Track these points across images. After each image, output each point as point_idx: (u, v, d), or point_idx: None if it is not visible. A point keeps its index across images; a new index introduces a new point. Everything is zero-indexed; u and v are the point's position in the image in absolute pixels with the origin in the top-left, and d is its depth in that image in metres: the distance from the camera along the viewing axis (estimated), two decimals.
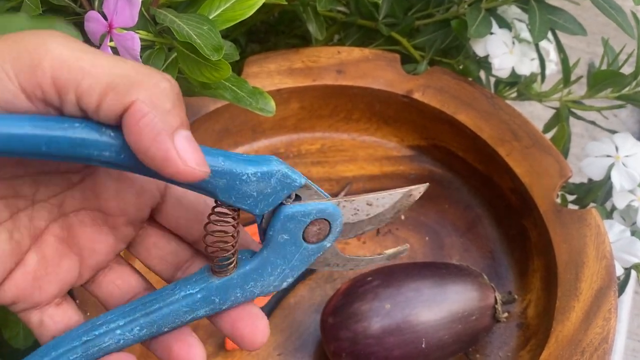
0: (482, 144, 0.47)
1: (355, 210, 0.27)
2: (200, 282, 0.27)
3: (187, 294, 0.26)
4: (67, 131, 0.22)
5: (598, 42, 0.60)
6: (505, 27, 0.49)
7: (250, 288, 0.27)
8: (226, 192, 0.25)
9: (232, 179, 0.24)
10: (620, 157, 0.45)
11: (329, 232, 0.27)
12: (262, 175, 0.25)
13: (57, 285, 0.27)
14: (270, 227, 0.26)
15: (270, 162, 0.25)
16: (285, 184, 0.25)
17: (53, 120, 0.22)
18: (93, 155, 0.23)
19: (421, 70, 0.50)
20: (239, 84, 0.38)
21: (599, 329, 0.38)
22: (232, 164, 0.24)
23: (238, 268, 0.27)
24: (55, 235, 0.27)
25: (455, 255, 0.48)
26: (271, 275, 0.27)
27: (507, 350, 0.43)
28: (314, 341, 0.44)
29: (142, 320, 0.26)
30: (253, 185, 0.25)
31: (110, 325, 0.26)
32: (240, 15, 0.35)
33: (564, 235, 0.42)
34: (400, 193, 0.28)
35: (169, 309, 0.26)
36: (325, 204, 0.26)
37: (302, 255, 0.27)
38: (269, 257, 0.27)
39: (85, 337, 0.26)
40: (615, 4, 0.43)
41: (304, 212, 0.26)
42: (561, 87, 0.51)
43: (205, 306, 0.27)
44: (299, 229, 0.26)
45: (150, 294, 0.27)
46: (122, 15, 0.33)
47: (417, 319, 0.39)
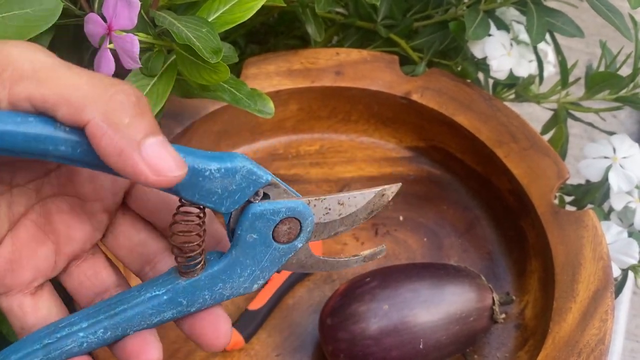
0: (480, 146, 0.48)
1: (327, 209, 0.27)
2: (166, 283, 0.26)
3: (152, 295, 0.26)
4: (20, 125, 0.22)
5: (596, 43, 0.60)
6: (504, 29, 0.50)
7: (219, 290, 0.26)
8: (189, 190, 0.24)
9: (195, 176, 0.24)
10: (618, 159, 0.45)
11: (300, 231, 0.26)
12: (226, 171, 0.24)
13: (32, 272, 0.27)
14: (238, 226, 0.25)
15: (235, 159, 0.24)
16: (250, 181, 0.25)
17: (6, 114, 0.22)
18: (49, 150, 0.22)
19: (419, 72, 0.50)
20: (237, 86, 0.38)
21: (596, 330, 0.38)
22: (194, 159, 0.24)
23: (206, 269, 0.26)
24: (33, 221, 0.27)
25: (453, 256, 0.48)
26: (240, 277, 0.26)
27: (505, 351, 0.43)
28: (312, 342, 0.44)
29: (107, 322, 0.26)
30: (217, 182, 0.24)
31: (73, 327, 0.25)
32: (240, 17, 0.35)
33: (561, 236, 0.42)
34: (373, 193, 0.27)
35: (134, 310, 0.26)
36: (295, 202, 0.26)
37: (273, 255, 0.26)
38: (237, 257, 0.26)
39: (47, 339, 0.25)
40: (612, 7, 0.43)
41: (273, 210, 0.25)
42: (559, 88, 0.51)
43: (172, 308, 0.26)
44: (268, 228, 0.26)
45: (115, 295, 0.27)
46: (121, 18, 0.33)
47: (415, 320, 0.39)
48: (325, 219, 0.27)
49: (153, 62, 0.35)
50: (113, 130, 0.22)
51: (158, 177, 0.22)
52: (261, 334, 0.44)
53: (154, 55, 0.36)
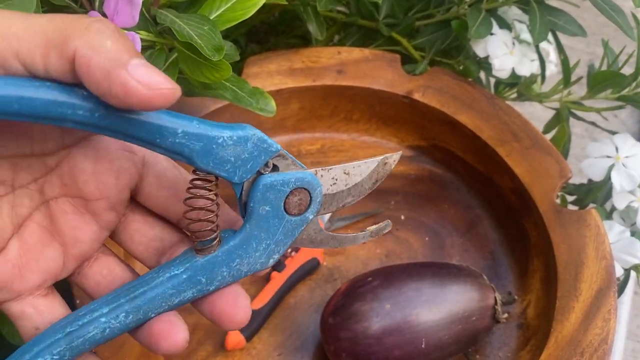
0: (482, 145, 0.47)
1: (334, 180, 0.27)
2: (184, 262, 0.26)
3: (171, 275, 0.26)
4: (39, 90, 0.22)
5: (598, 43, 0.60)
6: (506, 28, 0.50)
7: (236, 266, 0.26)
8: (203, 157, 0.24)
9: (209, 143, 0.24)
10: (620, 158, 0.45)
11: (310, 202, 0.26)
12: (238, 138, 0.24)
13: (40, 275, 0.27)
14: (250, 199, 0.26)
15: (245, 127, 0.25)
16: (262, 149, 0.25)
17: (25, 80, 0.22)
18: (67, 114, 0.23)
19: (421, 70, 0.50)
20: (239, 84, 0.38)
21: (599, 330, 0.38)
22: (207, 127, 0.24)
23: (222, 245, 0.26)
24: (38, 223, 0.27)
25: (455, 256, 0.48)
26: (257, 251, 0.26)
27: (507, 351, 0.43)
28: (314, 341, 0.44)
29: (127, 306, 0.25)
30: (230, 149, 0.24)
31: (94, 314, 0.25)
32: (241, 15, 0.35)
33: (563, 235, 0.42)
34: (376, 161, 0.28)
35: (154, 292, 0.26)
36: (304, 173, 0.26)
37: (286, 228, 0.26)
38: (252, 231, 0.26)
39: (68, 328, 0.25)
40: (615, 5, 0.43)
41: (283, 181, 0.26)
42: (561, 87, 0.51)
43: (192, 287, 0.26)
44: (279, 199, 0.26)
45: (134, 280, 0.27)
46: (122, 15, 0.33)
47: (417, 320, 0.39)
48: (333, 190, 0.27)
49: (154, 60, 0.35)
50: (97, 54, 0.22)
51: (151, 90, 0.22)
52: (263, 333, 0.44)
53: (156, 53, 0.35)
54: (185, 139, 0.24)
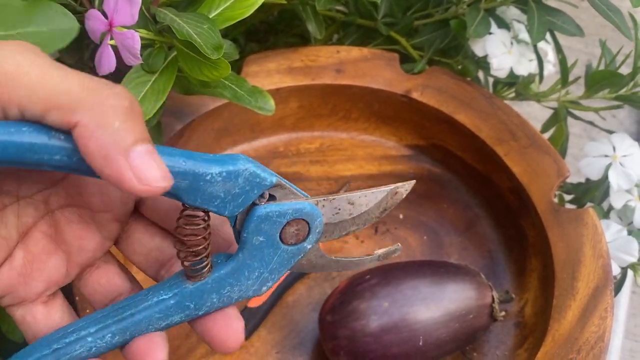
0: (480, 144, 0.48)
1: (337, 209, 0.26)
2: (174, 287, 0.26)
3: (160, 299, 0.25)
4: (14, 135, 0.21)
5: (596, 43, 0.60)
6: (504, 28, 0.50)
7: (227, 293, 0.26)
8: (190, 194, 0.24)
9: (196, 180, 0.23)
10: (618, 157, 0.45)
11: (309, 232, 0.26)
12: (227, 174, 0.24)
13: (44, 283, 0.27)
14: (244, 229, 0.25)
15: (237, 161, 0.24)
16: (254, 184, 0.24)
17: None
18: (43, 159, 0.22)
19: (420, 70, 0.51)
20: (238, 83, 0.38)
21: (595, 328, 0.38)
22: (194, 164, 0.23)
23: (213, 272, 0.26)
24: (43, 232, 0.27)
25: (453, 255, 0.48)
26: (249, 280, 0.26)
27: (505, 349, 0.43)
28: (312, 339, 0.44)
29: (114, 327, 0.25)
30: (219, 185, 0.24)
31: (81, 332, 0.25)
32: (240, 14, 0.35)
33: (561, 234, 0.42)
34: (385, 192, 0.26)
35: (142, 315, 0.25)
36: (302, 204, 0.25)
37: (281, 257, 0.26)
38: (245, 260, 0.25)
39: (55, 344, 0.25)
40: (612, 6, 0.43)
41: (279, 212, 0.25)
42: (559, 87, 0.51)
43: (179, 312, 0.26)
44: (275, 230, 0.25)
45: (123, 300, 0.26)
46: (122, 14, 0.33)
47: (415, 317, 0.39)
48: (335, 219, 0.26)
49: (154, 58, 0.35)
50: (101, 132, 0.21)
51: (143, 185, 0.22)
52: (261, 332, 0.44)
53: (155, 51, 0.36)
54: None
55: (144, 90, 0.35)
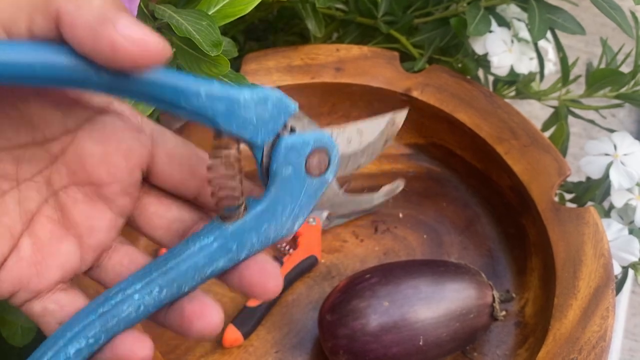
0: (480, 143, 0.47)
1: (349, 139, 0.27)
2: (214, 230, 0.25)
3: (202, 245, 0.25)
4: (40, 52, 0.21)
5: (596, 42, 0.60)
6: (505, 26, 0.50)
7: (264, 231, 0.26)
8: (227, 118, 0.24)
9: (231, 104, 0.24)
10: (619, 156, 0.45)
11: (329, 163, 0.26)
12: (259, 99, 0.24)
13: (58, 271, 0.26)
14: (273, 161, 0.25)
15: (263, 87, 0.25)
16: (281, 109, 0.25)
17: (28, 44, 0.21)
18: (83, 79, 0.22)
19: (420, 68, 0.50)
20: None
21: (597, 327, 0.38)
22: (228, 89, 0.24)
23: (248, 211, 0.26)
24: (49, 217, 0.26)
25: (453, 254, 0.48)
26: (283, 215, 0.26)
27: (505, 349, 0.43)
28: (311, 339, 0.44)
29: (160, 280, 0.25)
30: (251, 110, 0.24)
31: (126, 291, 0.25)
32: (240, 11, 0.35)
33: (562, 233, 0.42)
34: (385, 119, 0.29)
35: (187, 264, 0.25)
36: (321, 133, 0.26)
37: (308, 190, 0.26)
38: (277, 194, 0.26)
39: (101, 308, 0.24)
40: (614, 4, 0.43)
41: (303, 141, 0.26)
42: (560, 86, 0.51)
43: (223, 255, 0.25)
44: (301, 159, 0.26)
45: (163, 254, 0.26)
46: None
47: (415, 317, 0.39)
48: (349, 150, 0.28)
49: None
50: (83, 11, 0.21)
51: (141, 48, 0.21)
52: (260, 331, 0.44)
53: None
54: (208, 101, 0.23)
55: None
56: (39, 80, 0.22)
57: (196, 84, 0.23)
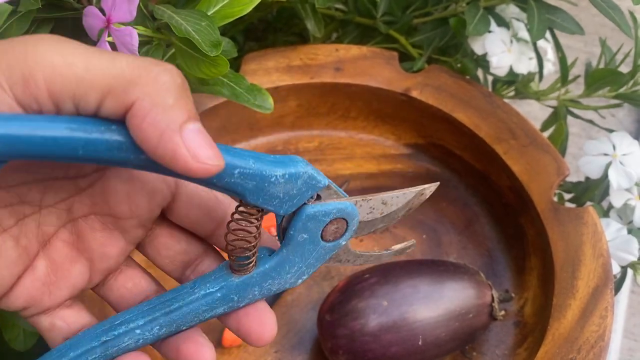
0: (479, 142, 0.47)
1: (371, 209, 0.27)
2: (220, 280, 0.27)
3: (207, 292, 0.26)
4: (105, 134, 0.22)
5: (595, 42, 0.60)
6: (504, 26, 0.50)
7: (267, 286, 0.27)
8: (254, 194, 0.24)
9: (262, 181, 0.24)
10: (618, 156, 0.45)
11: (346, 230, 0.27)
12: (289, 177, 0.25)
13: (68, 290, 0.27)
14: (291, 227, 0.26)
15: (297, 164, 0.25)
16: (310, 185, 0.25)
17: (90, 123, 0.22)
18: (130, 158, 0.22)
19: (419, 68, 0.50)
20: (237, 81, 0.38)
21: (596, 327, 0.38)
22: (262, 165, 0.24)
23: (257, 266, 0.27)
24: (64, 241, 0.27)
25: (452, 253, 0.48)
26: (288, 273, 0.27)
27: (504, 348, 0.43)
28: (311, 338, 0.44)
29: (162, 319, 0.26)
30: (280, 187, 0.25)
31: (129, 324, 0.26)
32: (239, 11, 0.35)
33: (561, 233, 0.42)
34: (414, 192, 0.28)
35: (189, 307, 0.26)
36: (344, 204, 0.26)
37: (319, 253, 0.27)
38: (288, 255, 0.27)
39: (104, 337, 0.26)
40: (613, 4, 0.43)
41: (325, 212, 0.26)
42: (559, 86, 0.51)
43: (224, 304, 0.27)
44: (318, 228, 0.26)
45: (169, 292, 0.27)
46: (120, 11, 0.32)
47: (414, 317, 0.39)
48: (369, 218, 0.28)
49: (152, 55, 0.35)
50: (156, 110, 0.21)
51: (197, 163, 0.21)
52: None
53: (153, 48, 0.35)
54: (240, 179, 0.24)
55: None
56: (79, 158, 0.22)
57: (231, 162, 0.23)
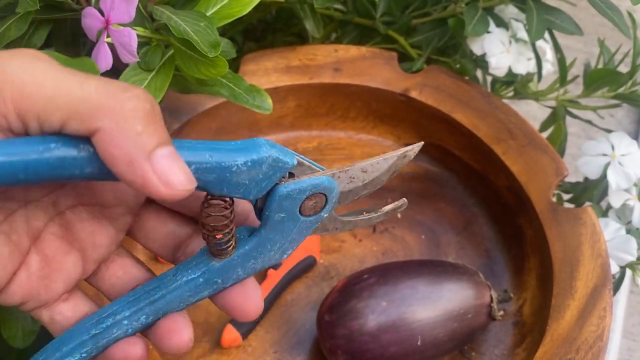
0: (478, 143, 0.48)
1: (351, 178, 0.27)
2: (201, 265, 0.26)
3: (189, 279, 0.26)
4: (44, 154, 0.21)
5: (594, 43, 0.60)
6: (503, 26, 0.50)
7: (251, 265, 0.27)
8: (217, 186, 0.24)
9: (222, 172, 0.24)
10: (616, 156, 0.45)
11: (325, 203, 0.26)
12: (252, 163, 0.24)
13: (63, 283, 0.27)
14: (266, 208, 0.26)
15: (260, 148, 0.24)
16: (277, 168, 0.25)
17: (26, 144, 0.21)
18: (75, 174, 0.22)
19: (418, 68, 0.50)
20: (236, 81, 0.38)
21: (594, 327, 0.38)
22: (220, 156, 0.24)
23: (237, 248, 0.26)
24: (54, 234, 0.27)
25: (451, 254, 0.48)
26: (271, 251, 0.27)
27: (503, 349, 0.43)
28: (310, 339, 0.44)
29: (147, 309, 0.26)
30: (244, 174, 0.24)
31: (116, 317, 0.26)
32: (238, 12, 0.35)
33: (559, 233, 0.42)
34: (395, 156, 0.27)
35: (173, 295, 0.26)
36: (320, 179, 0.26)
37: (300, 228, 0.27)
38: (267, 235, 0.26)
39: (93, 330, 0.26)
40: (611, 4, 0.43)
41: (299, 189, 0.25)
42: (557, 86, 0.51)
43: (208, 288, 0.27)
44: (295, 205, 0.26)
45: (152, 280, 0.27)
46: (119, 11, 0.33)
47: (413, 317, 0.39)
48: (349, 187, 0.27)
49: (151, 56, 0.35)
50: (123, 137, 0.21)
51: (168, 190, 0.22)
52: (259, 331, 0.44)
53: (152, 49, 0.35)
54: (199, 174, 0.23)
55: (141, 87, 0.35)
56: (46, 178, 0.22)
57: (187, 159, 0.23)
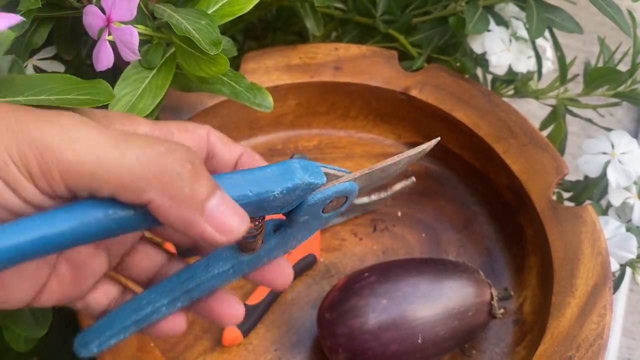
0: (478, 141, 0.48)
1: (371, 177, 0.29)
2: (230, 259, 0.28)
3: (220, 271, 0.28)
4: (101, 221, 0.23)
5: (594, 41, 0.60)
6: (503, 25, 0.50)
7: (274, 255, 0.29)
8: (255, 213, 0.26)
9: (261, 203, 0.26)
10: (617, 155, 0.45)
11: (345, 201, 0.29)
12: (287, 191, 0.26)
13: (93, 279, 0.28)
14: (294, 214, 0.28)
15: (294, 175, 0.26)
16: (308, 190, 0.27)
17: (84, 212, 0.23)
18: (132, 229, 0.24)
19: (418, 67, 0.50)
20: (236, 79, 0.38)
21: (594, 325, 0.38)
22: (259, 189, 0.25)
23: (263, 244, 0.28)
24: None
25: (451, 252, 0.48)
26: (293, 242, 0.29)
27: (503, 346, 0.43)
28: (310, 337, 0.44)
29: (183, 297, 0.28)
30: (279, 200, 0.26)
31: (155, 304, 0.28)
32: (239, 10, 0.35)
33: (559, 232, 0.42)
34: (414, 152, 0.29)
35: (206, 285, 0.28)
36: (344, 185, 0.28)
37: (320, 222, 0.29)
38: (292, 232, 0.29)
39: (134, 316, 0.28)
40: (612, 2, 0.43)
41: (325, 197, 0.27)
42: (558, 84, 0.51)
43: (237, 275, 0.29)
44: (319, 209, 0.28)
45: (184, 271, 0.29)
46: (120, 9, 0.33)
47: (413, 315, 0.39)
48: (369, 184, 0.29)
49: (152, 54, 0.35)
50: (176, 204, 0.23)
51: (225, 237, 0.24)
52: (260, 329, 0.44)
53: (153, 47, 0.35)
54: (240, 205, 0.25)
55: (142, 86, 0.35)
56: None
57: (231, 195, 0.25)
